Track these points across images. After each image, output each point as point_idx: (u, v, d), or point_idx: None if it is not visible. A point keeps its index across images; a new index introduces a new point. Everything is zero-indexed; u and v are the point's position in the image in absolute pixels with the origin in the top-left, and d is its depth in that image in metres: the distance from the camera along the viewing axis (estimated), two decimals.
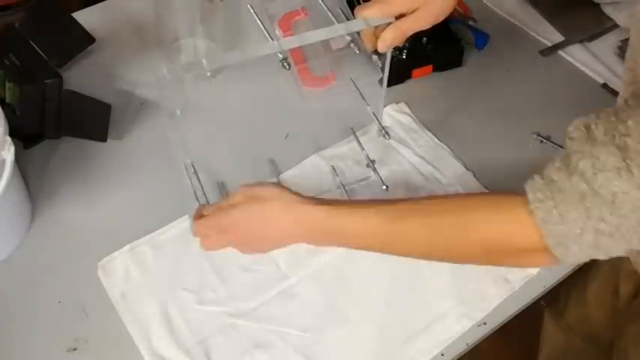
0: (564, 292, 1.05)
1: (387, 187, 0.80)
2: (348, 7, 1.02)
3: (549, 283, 0.79)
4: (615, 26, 1.09)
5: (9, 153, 0.72)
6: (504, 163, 0.89)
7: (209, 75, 0.64)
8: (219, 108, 0.95)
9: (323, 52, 1.00)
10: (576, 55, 1.06)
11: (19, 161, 0.78)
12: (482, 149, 0.91)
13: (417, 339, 0.73)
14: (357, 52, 0.74)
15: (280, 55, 0.67)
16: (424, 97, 0.98)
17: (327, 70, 0.99)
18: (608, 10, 1.10)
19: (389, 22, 0.70)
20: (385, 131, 0.83)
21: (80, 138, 0.88)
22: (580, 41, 1.08)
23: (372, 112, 0.84)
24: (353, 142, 0.90)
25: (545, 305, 1.12)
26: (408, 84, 1.00)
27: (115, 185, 0.86)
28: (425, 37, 0.98)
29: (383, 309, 0.75)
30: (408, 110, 0.96)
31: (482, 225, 0.59)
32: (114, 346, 0.71)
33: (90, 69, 0.99)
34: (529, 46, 1.08)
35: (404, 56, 0.98)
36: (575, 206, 0.52)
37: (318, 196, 0.68)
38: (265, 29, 0.72)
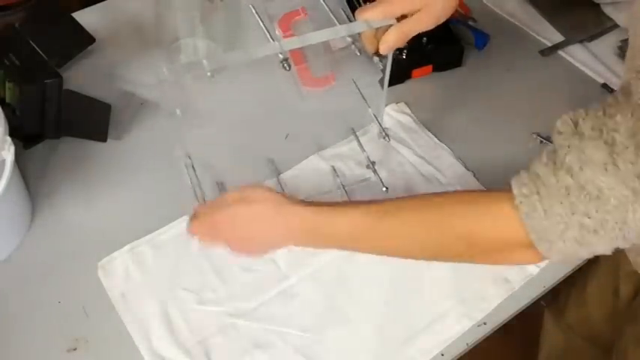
0: (564, 292, 1.06)
1: (387, 188, 0.80)
2: (348, 7, 1.02)
3: (549, 283, 0.78)
4: (615, 26, 1.09)
5: (9, 153, 0.72)
6: (504, 163, 0.88)
7: (209, 75, 0.64)
8: (219, 108, 0.95)
9: (323, 52, 1.00)
10: (576, 55, 1.05)
11: (19, 161, 0.78)
12: (482, 149, 0.91)
13: (417, 339, 0.72)
14: (358, 53, 0.74)
15: (281, 56, 0.67)
16: (424, 97, 0.98)
17: (327, 71, 0.99)
18: (608, 10, 1.10)
19: (390, 24, 0.70)
20: (385, 133, 0.83)
21: (80, 138, 0.88)
22: (580, 41, 1.07)
23: (373, 114, 0.84)
24: (353, 142, 0.90)
25: (545, 305, 1.12)
26: (407, 84, 1.00)
27: (115, 185, 0.86)
28: (425, 37, 0.98)
29: (383, 309, 0.75)
30: (408, 110, 0.96)
31: (468, 219, 0.59)
32: (114, 346, 0.71)
33: (90, 69, 0.99)
34: (529, 46, 1.08)
35: (404, 56, 0.98)
36: (560, 201, 0.52)
37: (318, 197, 0.68)
38: (266, 29, 0.72)
